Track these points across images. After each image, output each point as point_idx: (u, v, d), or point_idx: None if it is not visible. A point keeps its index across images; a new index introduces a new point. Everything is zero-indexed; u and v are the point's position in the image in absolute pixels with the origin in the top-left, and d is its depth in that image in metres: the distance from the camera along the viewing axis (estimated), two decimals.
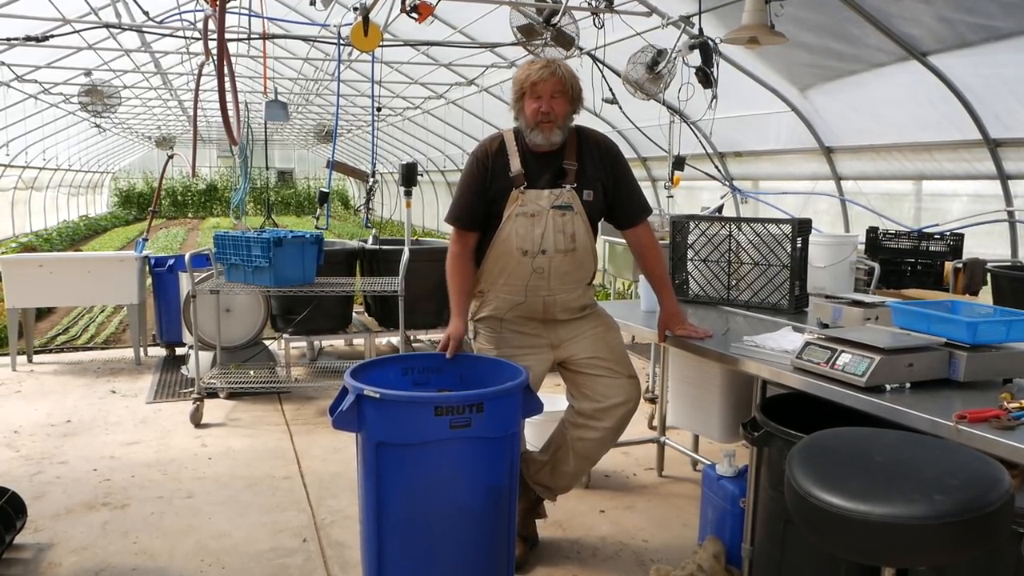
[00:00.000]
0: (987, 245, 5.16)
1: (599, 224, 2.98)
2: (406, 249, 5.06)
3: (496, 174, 2.82)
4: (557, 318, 2.91)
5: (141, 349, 6.32)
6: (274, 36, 7.10)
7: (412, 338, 6.27)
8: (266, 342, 5.73)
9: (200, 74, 3.58)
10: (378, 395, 2.33)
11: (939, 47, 4.68)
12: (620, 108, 6.01)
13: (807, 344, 2.40)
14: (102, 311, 8.71)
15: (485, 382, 2.59)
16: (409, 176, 5.05)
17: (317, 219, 5.88)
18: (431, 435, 2.32)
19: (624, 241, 3.10)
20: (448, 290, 2.90)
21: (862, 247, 4.42)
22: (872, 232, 4.57)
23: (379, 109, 9.59)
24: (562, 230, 2.80)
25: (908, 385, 2.18)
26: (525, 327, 2.91)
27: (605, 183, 2.88)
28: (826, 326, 2.78)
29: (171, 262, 6.22)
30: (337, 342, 6.87)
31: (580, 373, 2.95)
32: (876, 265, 4.12)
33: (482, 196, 2.84)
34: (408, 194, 5.09)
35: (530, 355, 2.88)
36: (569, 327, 2.93)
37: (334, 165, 5.77)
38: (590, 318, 2.98)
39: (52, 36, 6.34)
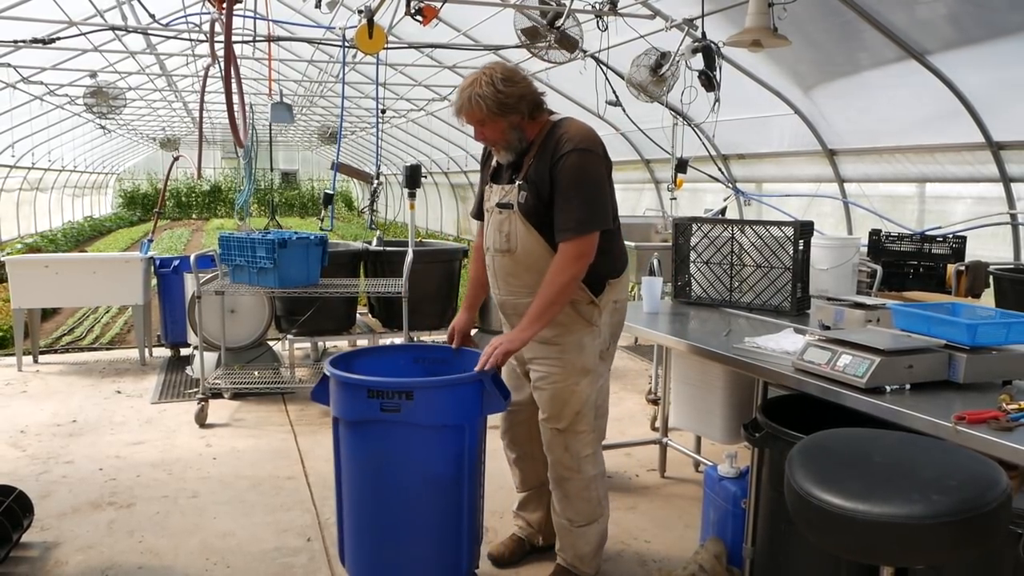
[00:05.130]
0: (990, 247, 5.16)
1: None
2: (410, 251, 5.08)
3: (488, 167, 2.88)
4: (512, 324, 2.78)
5: (146, 350, 6.35)
6: (279, 38, 7.13)
7: (416, 339, 6.28)
8: (270, 343, 5.75)
9: (206, 76, 3.60)
10: (329, 374, 2.59)
11: (941, 45, 4.68)
12: (623, 110, 6.03)
13: (808, 345, 2.42)
14: (107, 312, 8.74)
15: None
16: (413, 178, 5.08)
17: (322, 220, 5.91)
18: (366, 415, 2.50)
19: (629, 243, 3.09)
20: None
21: (865, 249, 4.42)
22: (875, 234, 4.56)
23: (383, 111, 9.63)
24: (499, 228, 2.71)
25: (908, 386, 2.20)
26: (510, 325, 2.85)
27: (541, 187, 2.58)
28: (827, 328, 2.79)
29: (176, 263, 6.25)
30: (341, 343, 6.88)
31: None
32: (879, 267, 4.13)
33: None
34: (412, 196, 5.12)
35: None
36: (530, 348, 2.68)
37: (339, 167, 5.81)
38: (554, 348, 2.68)
39: (58, 38, 6.37)
